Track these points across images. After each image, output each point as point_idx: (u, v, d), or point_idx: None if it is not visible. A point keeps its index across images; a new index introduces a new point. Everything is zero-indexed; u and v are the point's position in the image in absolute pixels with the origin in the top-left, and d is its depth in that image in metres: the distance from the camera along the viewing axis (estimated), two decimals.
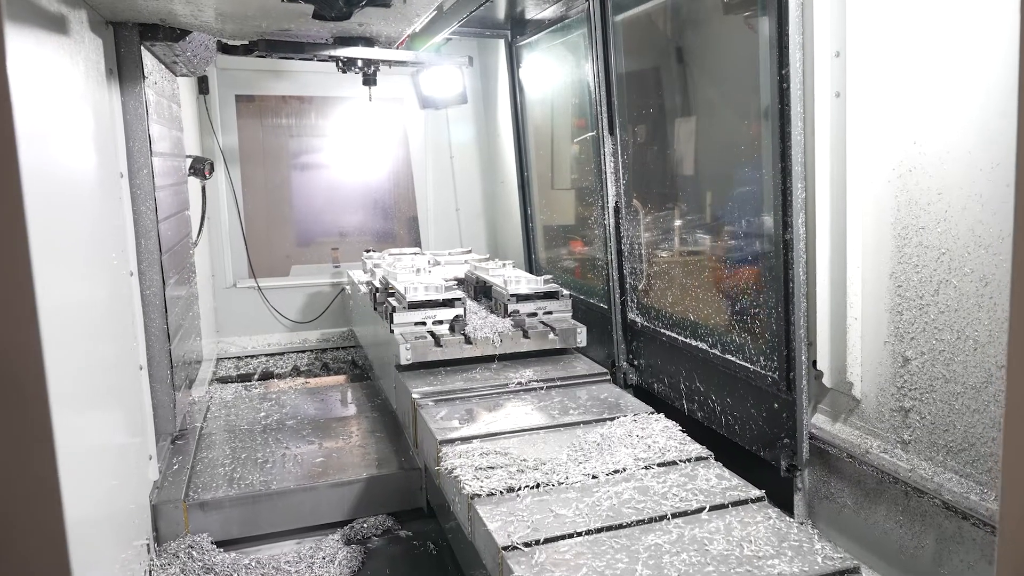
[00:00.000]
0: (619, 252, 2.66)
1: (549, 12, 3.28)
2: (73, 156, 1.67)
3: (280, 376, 4.28)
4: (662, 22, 2.56)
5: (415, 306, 2.66)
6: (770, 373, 1.98)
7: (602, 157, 2.59)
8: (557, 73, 3.44)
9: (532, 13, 3.44)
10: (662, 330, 2.42)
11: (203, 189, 3.61)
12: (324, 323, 4.80)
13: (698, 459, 1.93)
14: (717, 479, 1.82)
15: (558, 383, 2.49)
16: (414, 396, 2.34)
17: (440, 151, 4.94)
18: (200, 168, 3.49)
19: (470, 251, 4.13)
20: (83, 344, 1.68)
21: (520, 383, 2.46)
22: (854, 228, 1.79)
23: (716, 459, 1.94)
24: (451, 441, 2.04)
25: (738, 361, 2.11)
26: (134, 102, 2.12)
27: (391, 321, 2.63)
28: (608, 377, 2.59)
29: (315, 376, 4.29)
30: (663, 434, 2.07)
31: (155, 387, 2.26)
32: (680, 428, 2.13)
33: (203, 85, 4.39)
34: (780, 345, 1.92)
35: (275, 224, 4.87)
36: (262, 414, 3.02)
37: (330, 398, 3.29)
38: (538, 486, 1.77)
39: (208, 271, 4.47)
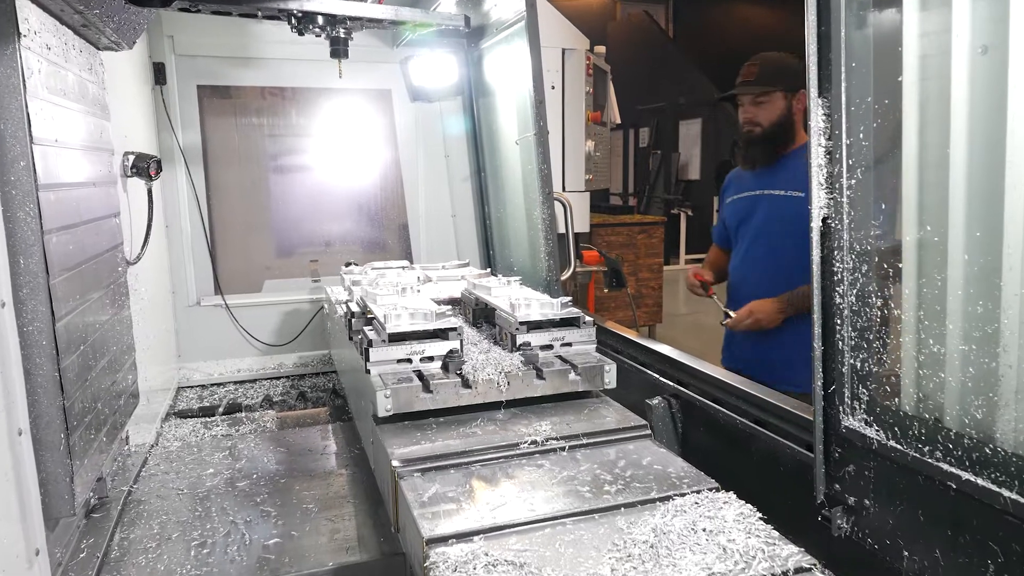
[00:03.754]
0: (827, 304, 1.69)
1: (496, 18, 3.41)
2: None
3: (250, 408, 3.69)
4: None
5: (398, 338, 2.07)
6: None
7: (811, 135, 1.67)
8: (514, 74, 3.49)
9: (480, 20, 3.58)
10: (947, 467, 1.41)
11: (149, 192, 3.02)
12: (302, 345, 4.21)
13: (799, 571, 1.35)
14: None
15: (584, 441, 1.91)
16: (394, 464, 1.75)
17: (433, 149, 4.36)
18: (144, 167, 2.91)
19: (467, 264, 3.56)
20: None
21: (535, 442, 1.87)
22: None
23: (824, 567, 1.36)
24: (443, 539, 1.45)
25: None
26: (4, 70, 1.54)
27: (367, 359, 2.04)
28: (647, 431, 2.00)
29: (290, 408, 3.71)
30: (740, 527, 1.48)
31: (43, 456, 1.66)
32: (761, 516, 1.55)
33: (160, 74, 3.82)
34: None
35: (248, 233, 4.28)
36: (210, 470, 2.43)
37: (298, 445, 2.70)
38: None
39: (167, 287, 3.89)
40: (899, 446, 1.60)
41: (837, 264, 1.71)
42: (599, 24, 12.89)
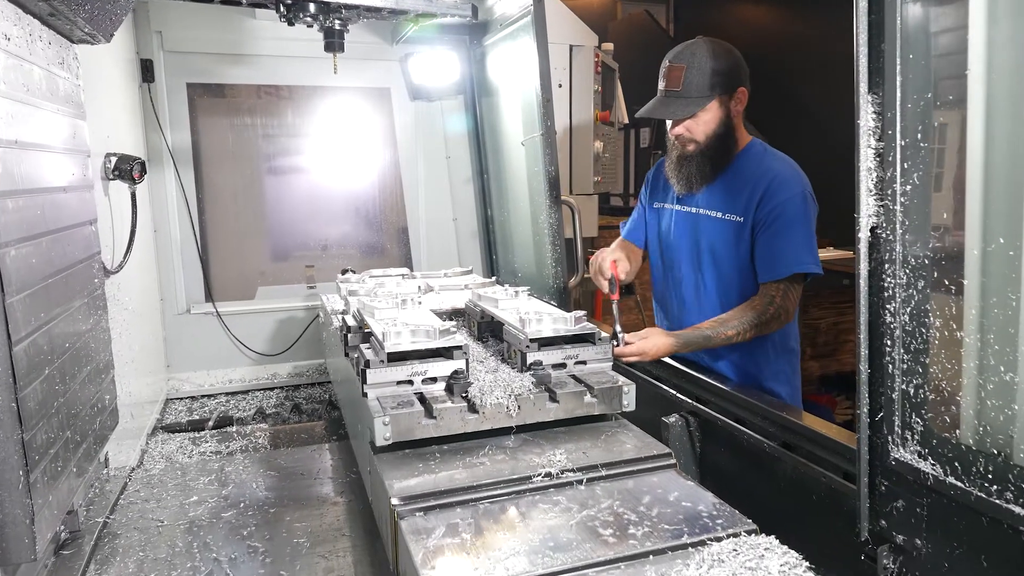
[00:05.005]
0: (874, 323, 1.51)
1: (501, 13, 3.32)
2: None
3: (241, 421, 3.51)
4: None
5: (398, 358, 1.89)
6: None
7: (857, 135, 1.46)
8: (520, 72, 3.34)
9: (484, 15, 3.55)
10: (1020, 510, 1.26)
11: (133, 196, 2.84)
12: (296, 354, 4.04)
13: None
14: None
15: (603, 473, 1.73)
16: (394, 503, 1.58)
17: (433, 150, 4.18)
18: (127, 169, 2.73)
19: (470, 271, 3.38)
20: None
21: (549, 474, 1.69)
22: None
23: None
24: None
25: None
26: None
27: (364, 380, 1.86)
28: (672, 461, 1.82)
29: (283, 422, 3.53)
30: None
31: None
32: (809, 566, 1.37)
33: (147, 72, 3.64)
34: None
35: (241, 238, 4.10)
36: (194, 497, 2.25)
37: (290, 468, 2.52)
38: None
39: (156, 294, 3.71)
40: (960, 483, 1.43)
41: (887, 279, 1.53)
42: (600, 23, 12.72)
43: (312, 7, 1.89)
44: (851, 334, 4.64)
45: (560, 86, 3.89)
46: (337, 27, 2.03)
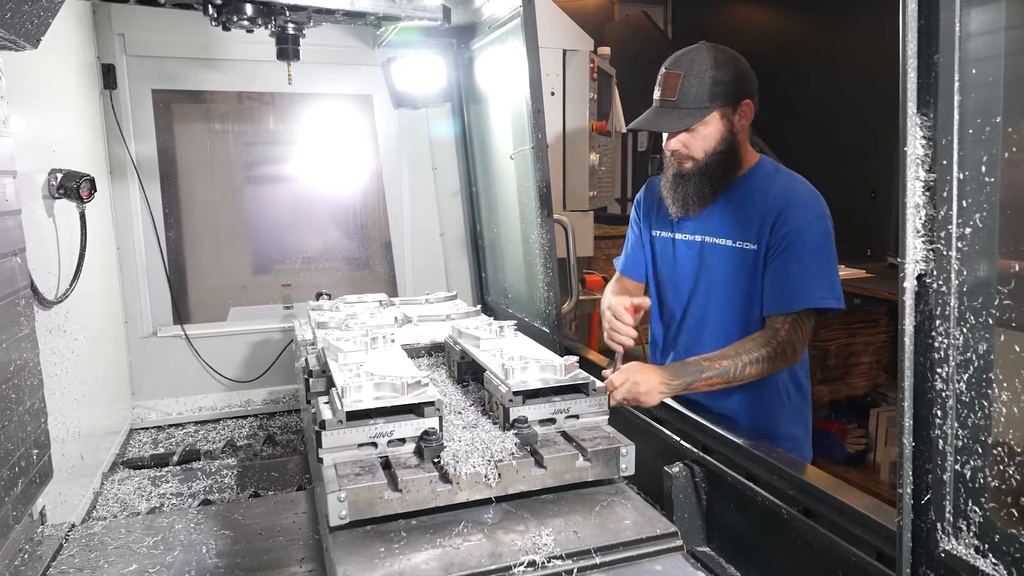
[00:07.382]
0: (920, 389, 1.24)
1: (488, 15, 3.16)
2: None
3: (210, 455, 3.25)
4: None
5: (359, 416, 1.63)
6: None
7: (902, 161, 1.18)
8: (509, 79, 3.12)
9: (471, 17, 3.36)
10: None
11: (82, 216, 2.58)
12: (271, 379, 3.77)
13: None
14: None
15: (597, 560, 1.46)
16: None
17: (419, 161, 3.92)
18: (73, 187, 2.47)
19: (455, 296, 3.11)
20: None
21: (533, 562, 1.43)
22: None
23: None
24: None
25: None
26: None
27: (319, 444, 1.60)
28: (678, 542, 1.56)
29: (256, 456, 3.26)
30: None
31: None
32: None
33: (109, 78, 3.38)
34: None
35: (212, 255, 3.84)
36: (133, 566, 1.97)
37: (249, 524, 2.24)
38: None
39: (119, 317, 3.45)
40: None
41: (938, 338, 1.27)
42: (597, 25, 12.50)
43: (249, 8, 1.61)
44: (862, 356, 4.41)
45: (552, 94, 3.63)
46: (291, 32, 1.76)
